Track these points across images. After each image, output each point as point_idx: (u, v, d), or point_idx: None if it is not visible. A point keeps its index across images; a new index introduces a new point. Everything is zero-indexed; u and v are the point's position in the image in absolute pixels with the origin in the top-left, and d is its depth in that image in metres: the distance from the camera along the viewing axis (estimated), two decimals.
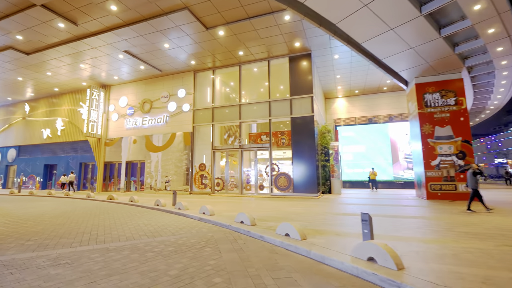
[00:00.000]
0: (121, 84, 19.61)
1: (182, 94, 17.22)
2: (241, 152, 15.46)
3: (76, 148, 21.03)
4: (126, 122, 18.88)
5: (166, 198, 13.05)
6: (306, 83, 14.44)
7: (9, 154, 24.09)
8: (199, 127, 16.96)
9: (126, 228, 6.67)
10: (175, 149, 17.01)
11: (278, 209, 9.29)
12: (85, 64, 15.93)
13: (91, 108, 18.65)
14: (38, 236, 5.85)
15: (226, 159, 15.95)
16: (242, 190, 15.12)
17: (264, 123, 19.73)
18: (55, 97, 22.07)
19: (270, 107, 15.08)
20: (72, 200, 13.74)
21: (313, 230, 5.76)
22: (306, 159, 13.74)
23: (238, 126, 16.20)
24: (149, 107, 18.15)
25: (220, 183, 15.78)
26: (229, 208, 9.53)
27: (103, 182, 19.34)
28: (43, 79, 18.25)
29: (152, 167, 17.56)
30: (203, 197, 14.05)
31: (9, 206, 11.42)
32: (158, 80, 18.24)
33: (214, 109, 16.51)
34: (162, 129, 17.63)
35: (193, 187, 16.26)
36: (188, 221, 7.65)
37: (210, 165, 16.01)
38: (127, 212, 9.57)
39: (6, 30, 12.30)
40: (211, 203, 11.14)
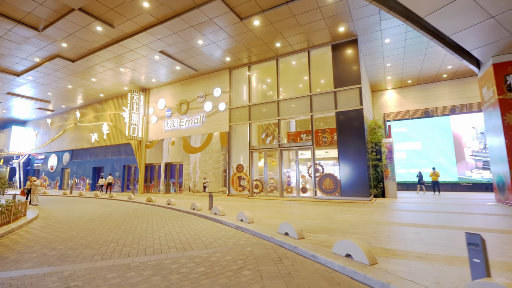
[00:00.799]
0: (159, 87, 19.80)
1: (218, 93, 16.67)
2: (281, 151, 14.33)
3: (120, 151, 21.80)
4: (164, 124, 18.95)
5: (203, 201, 12.46)
6: (352, 73, 12.82)
7: (64, 158, 26.03)
8: (236, 126, 16.23)
9: (156, 236, 5.97)
10: (212, 149, 16.50)
11: (327, 216, 7.96)
12: (125, 68, 16.20)
13: (132, 111, 19.07)
14: (65, 244, 5.39)
15: (264, 159, 14.95)
16: (283, 192, 13.97)
17: (303, 121, 18.40)
18: (101, 103, 23.22)
19: (312, 102, 13.72)
20: (113, 202, 13.87)
21: (382, 249, 4.41)
22: (355, 158, 12.12)
23: (277, 125, 15.10)
24: (186, 108, 17.95)
25: (258, 185, 14.82)
26: (270, 214, 8.46)
27: (144, 184, 19.66)
28: (89, 85, 19.12)
29: (190, 169, 17.28)
30: (241, 200, 13.21)
31: (56, 207, 11.73)
32: (194, 80, 17.96)
33: (250, 107, 15.64)
34: (199, 129, 17.28)
35: (230, 189, 15.54)
36: (224, 229, 6.75)
37: (248, 166, 15.15)
38: (162, 216, 9.04)
39: (52, 39, 12.80)
40: (249, 208, 10.19)
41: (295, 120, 18.76)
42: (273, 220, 7.38)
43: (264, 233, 5.66)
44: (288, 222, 5.55)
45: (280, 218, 7.63)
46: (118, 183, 21.27)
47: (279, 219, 7.54)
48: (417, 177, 16.26)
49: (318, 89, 14.66)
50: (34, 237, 6.04)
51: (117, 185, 21.32)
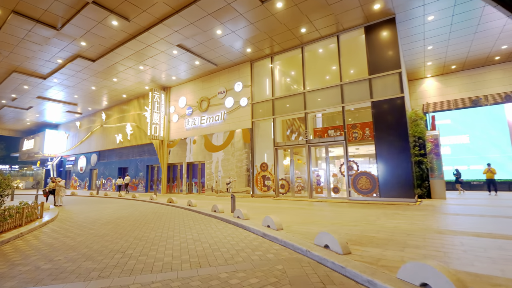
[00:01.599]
0: (179, 85, 19.33)
1: (239, 88, 15.76)
2: (308, 148, 13.09)
3: (143, 151, 21.69)
4: (185, 123, 18.43)
5: (226, 202, 11.61)
6: (389, 57, 11.30)
7: (92, 159, 26.60)
8: (259, 122, 15.22)
9: (169, 245, 5.10)
10: (234, 147, 15.63)
11: (370, 221, 6.68)
12: (144, 65, 15.81)
13: (153, 110, 18.76)
14: (66, 254, 4.67)
15: (290, 157, 13.79)
16: (312, 193, 12.73)
17: (331, 117, 16.94)
18: (124, 104, 23.31)
19: (343, 92, 12.35)
20: (135, 203, 13.45)
21: (469, 275, 3.15)
22: (396, 154, 10.61)
23: (303, 120, 13.88)
24: (207, 105, 17.26)
25: (284, 184, 13.70)
26: (300, 219, 7.33)
27: (167, 184, 19.29)
28: (111, 86, 19.09)
29: (212, 168, 16.55)
30: (266, 202, 12.17)
31: (77, 208, 11.45)
32: (214, 76, 17.22)
33: (274, 101, 14.55)
34: (220, 127, 16.50)
35: (254, 189, 14.56)
36: (249, 236, 5.75)
37: (272, 165, 14.08)
38: (181, 218, 8.25)
39: (71, 37, 12.60)
40: (275, 210, 9.12)
41: (321, 115, 17.42)
42: (306, 226, 6.25)
43: (297, 245, 4.57)
44: (325, 229, 4.42)
45: (314, 224, 6.49)
46: (142, 183, 21.15)
47: (313, 224, 6.40)
48: (454, 175, 14.32)
49: (350, 78, 13.22)
50: (38, 244, 5.43)
51: (141, 185, 21.20)
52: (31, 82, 18.09)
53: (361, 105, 12.05)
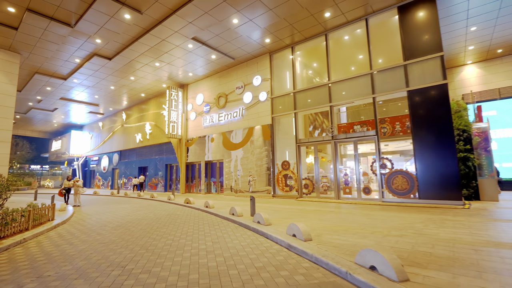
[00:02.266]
0: (196, 82, 18.80)
1: (258, 82, 14.88)
2: (334, 144, 11.96)
3: (162, 150, 21.47)
4: (203, 120, 17.86)
5: (245, 203, 10.80)
6: (429, 39, 9.92)
7: (114, 159, 26.93)
8: (279, 118, 14.27)
9: (177, 259, 4.34)
10: (253, 145, 14.79)
11: (416, 230, 5.55)
12: (160, 62, 15.37)
13: (171, 108, 18.36)
14: (59, 268, 4.04)
15: (314, 154, 12.71)
16: (339, 194, 11.60)
17: (356, 111, 15.57)
18: (143, 103, 23.24)
19: (373, 81, 11.10)
20: (152, 203, 13.02)
21: None
22: (439, 149, 9.25)
23: (327, 114, 12.77)
24: (224, 101, 16.55)
25: (308, 184, 12.66)
26: (331, 225, 6.33)
27: (186, 183, 18.86)
28: (129, 85, 18.93)
29: (231, 167, 15.83)
30: (288, 203, 11.23)
31: (93, 209, 11.14)
32: (232, 70, 16.47)
33: (295, 95, 13.53)
34: (238, 124, 15.72)
35: (276, 190, 13.64)
36: (271, 248, 4.87)
37: (295, 163, 13.08)
38: (197, 222, 7.54)
39: (86, 34, 12.34)
40: (300, 214, 8.16)
41: (346, 110, 16.12)
42: (339, 235, 5.26)
43: (333, 264, 3.62)
44: (364, 240, 3.44)
45: (348, 232, 5.48)
46: (161, 182, 20.92)
47: (347, 233, 5.39)
48: None
49: (381, 65, 11.87)
50: (37, 253, 4.88)
51: (160, 185, 20.99)
52: (53, 83, 18.32)
53: (394, 95, 10.74)
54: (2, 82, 13.20)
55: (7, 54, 13.47)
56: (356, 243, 4.66)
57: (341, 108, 15.98)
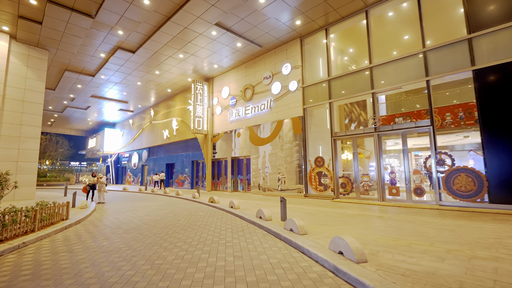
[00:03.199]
0: (222, 74, 17.90)
1: (287, 70, 13.54)
2: (378, 138, 10.30)
3: (188, 147, 21.00)
4: (229, 114, 16.93)
5: (274, 204, 9.60)
6: (501, 6, 7.91)
7: (143, 155, 27.19)
8: (312, 109, 12.83)
9: (187, 281, 3.28)
10: (283, 140, 13.52)
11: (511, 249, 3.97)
12: (184, 53, 14.64)
13: (196, 103, 17.68)
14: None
15: (353, 149, 11.12)
16: (383, 195, 9.95)
17: (397, 102, 13.50)
18: (170, 99, 22.96)
19: (427, 61, 9.26)
20: (176, 202, 12.33)
21: None
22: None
23: (363, 106, 11.17)
24: (251, 94, 15.44)
25: (346, 183, 11.12)
26: (386, 238, 4.90)
27: (212, 180, 18.12)
28: (155, 79, 18.57)
29: (258, 163, 14.71)
30: (323, 204, 9.83)
31: (115, 207, 10.64)
32: (259, 60, 15.28)
33: (330, 82, 12.00)
34: (266, 117, 14.53)
35: (308, 189, 12.27)
36: (310, 269, 3.63)
37: (330, 159, 11.60)
38: (219, 226, 6.50)
39: (107, 26, 11.90)
40: (341, 219, 6.76)
41: (385, 101, 14.18)
42: (402, 254, 3.86)
43: None
44: (444, 265, 2.06)
45: (413, 250, 4.06)
46: (188, 179, 20.45)
47: (412, 251, 3.98)
48: None
49: (436, 42, 9.89)
50: (26, 263, 4.12)
51: (187, 182, 20.53)
52: (82, 81, 18.51)
53: (457, 76, 8.81)
54: (31, 78, 13.28)
55: (36, 51, 13.54)
56: (434, 271, 3.26)
57: (380, 98, 14.14)
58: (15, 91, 12.78)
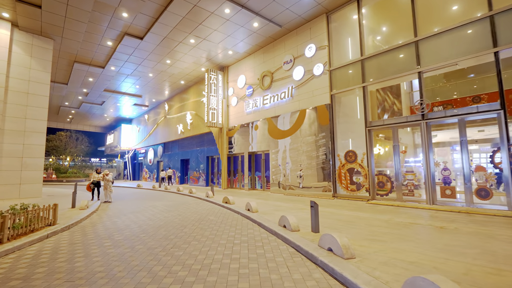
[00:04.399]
0: (237, 62, 16.43)
1: (311, 52, 11.83)
2: (426, 127, 8.43)
3: (203, 141, 19.82)
4: (245, 105, 15.46)
5: (298, 207, 8.05)
6: None
7: (158, 151, 26.45)
8: (341, 95, 11.08)
9: None
10: (306, 132, 11.87)
11: None
12: (195, 37, 13.30)
13: (210, 94, 16.35)
14: None
15: (394, 141, 9.28)
16: (433, 196, 8.11)
17: (436, 89, 11.42)
18: (184, 92, 21.86)
19: (495, 28, 7.27)
20: (186, 201, 11.11)
21: None
22: None
23: (397, 93, 9.24)
24: (270, 81, 13.86)
25: (384, 182, 9.34)
26: (478, 267, 3.22)
27: (228, 177, 16.81)
28: (166, 70, 17.44)
29: (278, 159, 13.17)
30: (358, 207, 8.15)
31: (119, 208, 9.53)
32: (278, 43, 13.64)
33: (364, 63, 10.18)
34: (287, 106, 12.92)
35: (337, 188, 10.59)
36: None
37: (364, 153, 9.85)
38: (231, 239, 5.06)
39: (110, 7, 10.78)
40: (394, 232, 5.08)
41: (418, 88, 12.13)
42: None
43: None
44: None
45: None
46: (203, 176, 19.29)
47: None
48: None
49: (504, 3, 7.81)
50: None
51: (202, 179, 19.37)
52: (93, 73, 17.73)
53: None
54: (36, 69, 12.48)
55: (40, 39, 12.70)
56: None
57: (414, 85, 12.14)
58: (19, 82, 12.01)
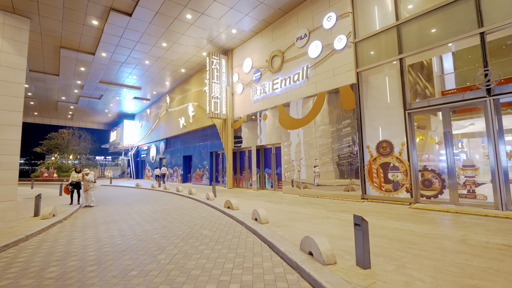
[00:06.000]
0: (243, 44, 14.40)
1: (330, 23, 9.70)
2: (494, 106, 6.24)
3: (206, 135, 17.95)
4: (252, 92, 13.44)
5: (322, 215, 6.01)
6: None
7: (160, 147, 24.77)
8: (368, 73, 8.94)
9: None
10: (325, 120, 9.78)
11: None
12: (192, 12, 11.35)
13: (212, 80, 14.40)
14: None
15: (446, 127, 7.09)
16: (508, 199, 5.93)
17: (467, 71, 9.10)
18: (185, 83, 20.01)
19: None
20: (184, 205, 9.25)
21: None
22: None
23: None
24: (280, 62, 11.80)
25: (432, 181, 7.20)
26: None
27: (234, 175, 14.87)
28: (163, 55, 15.57)
29: (291, 153, 11.13)
30: (402, 215, 6.06)
31: (98, 215, 7.74)
32: (290, 16, 11.54)
33: (401, 28, 8.01)
34: (301, 90, 10.84)
35: (366, 187, 8.49)
36: None
37: (403, 144, 7.72)
38: (227, 277, 3.06)
39: None
40: (489, 267, 2.98)
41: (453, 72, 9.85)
42: None
43: None
44: None
45: None
46: (206, 174, 17.43)
47: None
48: None
49: None
50: None
51: (205, 177, 17.52)
52: (84, 61, 16.04)
53: None
54: (8, 52, 10.79)
55: (13, 18, 11.00)
56: None
57: (444, 66, 9.90)
58: None
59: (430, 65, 10.11)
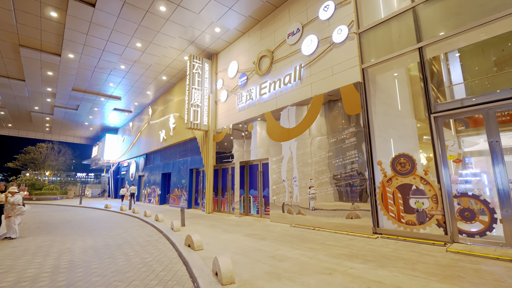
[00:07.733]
0: (228, 46, 12.70)
1: (328, 13, 7.99)
2: None
3: (186, 150, 15.82)
4: (237, 99, 11.53)
5: (320, 265, 3.80)
6: None
7: (140, 164, 22.47)
8: (377, 70, 7.11)
9: None
10: (322, 129, 7.79)
11: None
12: (165, 2, 9.61)
13: (192, 86, 12.52)
14: None
15: (490, 137, 5.12)
16: None
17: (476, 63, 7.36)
18: (168, 93, 18.15)
19: None
20: (137, 238, 6.99)
21: None
22: None
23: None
24: (269, 63, 10.00)
25: (475, 210, 5.11)
26: None
27: (214, 197, 12.60)
28: (139, 58, 13.76)
29: (282, 170, 9.02)
30: (439, 265, 3.93)
31: (11, 255, 5.44)
32: (280, 10, 9.90)
33: (418, 11, 6.26)
34: (293, 94, 8.95)
35: (379, 218, 6.34)
36: None
37: (430, 159, 5.69)
38: None
39: None
40: None
41: (460, 64, 8.14)
42: None
43: None
44: None
45: None
46: (185, 195, 15.09)
47: None
48: None
49: None
50: None
51: (183, 198, 15.16)
52: (50, 64, 14.14)
53: None
54: None
55: None
56: None
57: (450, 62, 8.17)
58: None
59: (440, 73, 8.31)
